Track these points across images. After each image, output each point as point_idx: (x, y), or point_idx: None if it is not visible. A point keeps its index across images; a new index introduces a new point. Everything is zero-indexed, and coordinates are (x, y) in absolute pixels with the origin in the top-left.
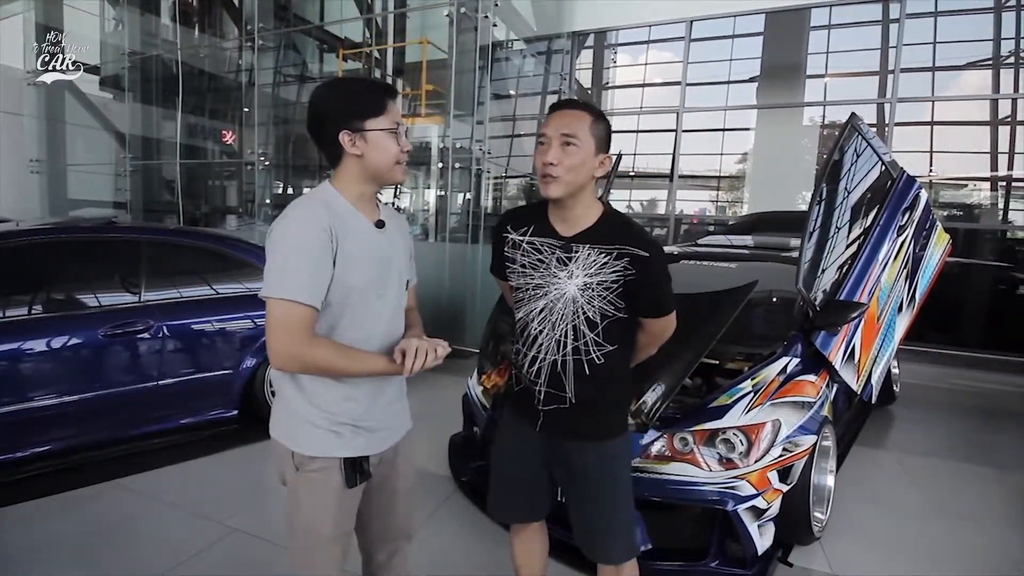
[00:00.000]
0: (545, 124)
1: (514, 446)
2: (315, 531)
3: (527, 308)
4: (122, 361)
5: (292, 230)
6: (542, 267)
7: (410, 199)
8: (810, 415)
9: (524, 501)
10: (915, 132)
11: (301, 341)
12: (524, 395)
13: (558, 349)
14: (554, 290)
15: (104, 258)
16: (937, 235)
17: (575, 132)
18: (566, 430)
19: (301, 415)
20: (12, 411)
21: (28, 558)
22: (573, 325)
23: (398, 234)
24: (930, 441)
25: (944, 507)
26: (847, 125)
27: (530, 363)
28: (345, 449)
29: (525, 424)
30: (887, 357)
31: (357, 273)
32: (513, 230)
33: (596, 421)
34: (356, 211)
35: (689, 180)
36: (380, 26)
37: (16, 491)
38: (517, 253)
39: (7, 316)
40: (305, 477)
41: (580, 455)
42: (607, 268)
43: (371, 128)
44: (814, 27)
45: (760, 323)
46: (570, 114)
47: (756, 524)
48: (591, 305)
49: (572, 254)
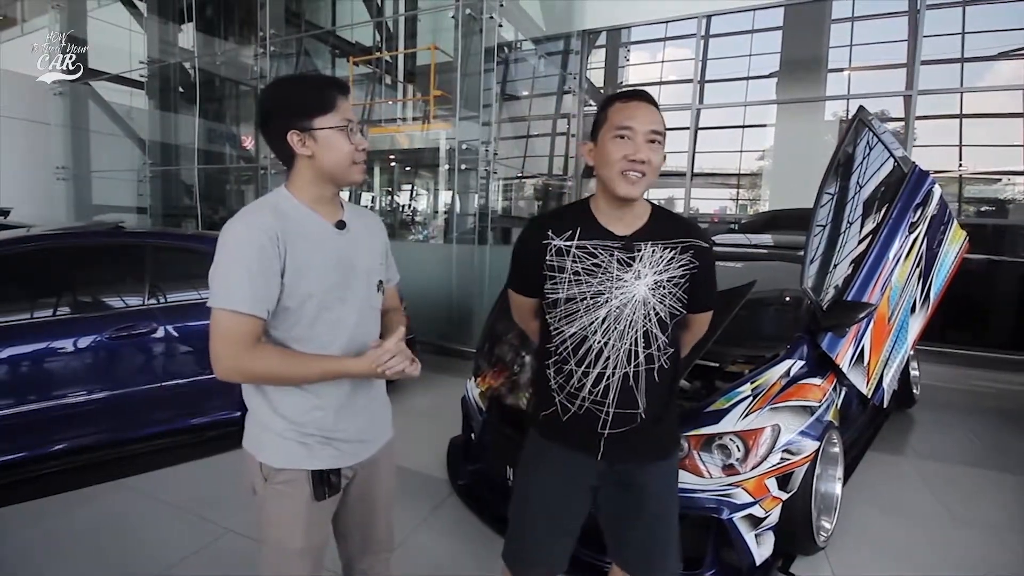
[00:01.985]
0: (625, 116)
1: (562, 484)
2: (284, 544)
3: (584, 320)
4: (127, 363)
5: (234, 238)
6: (599, 272)
7: (423, 201)
8: (813, 420)
9: (555, 551)
10: (943, 125)
11: (241, 352)
12: (582, 422)
13: (629, 360)
14: (619, 295)
15: (112, 262)
16: (953, 231)
17: (661, 130)
18: (632, 452)
19: (267, 425)
20: (20, 412)
21: (25, 556)
22: (644, 330)
23: (365, 234)
24: (949, 446)
25: (960, 515)
26: (854, 119)
27: (594, 382)
28: (313, 461)
29: (580, 456)
30: (900, 359)
31: (312, 279)
32: (556, 235)
33: (663, 437)
34: (312, 213)
35: (708, 178)
36: (391, 31)
37: (22, 490)
38: (567, 260)
39: (17, 319)
40: (273, 489)
41: (641, 476)
42: (675, 263)
43: (320, 127)
44: (835, 20)
45: (764, 324)
46: (651, 109)
47: (753, 533)
48: (663, 304)
49: (635, 253)
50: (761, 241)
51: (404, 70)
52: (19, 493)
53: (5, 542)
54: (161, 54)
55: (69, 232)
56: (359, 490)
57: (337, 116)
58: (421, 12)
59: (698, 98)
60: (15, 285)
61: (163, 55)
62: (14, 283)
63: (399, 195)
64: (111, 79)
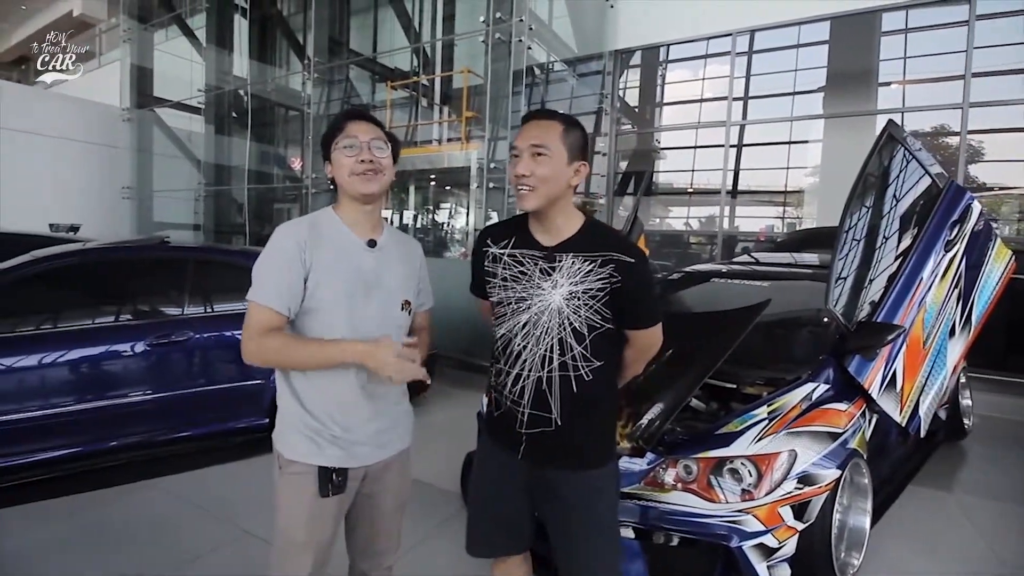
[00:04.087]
0: (516, 136)
1: (493, 476)
2: (289, 534)
3: (509, 323)
4: (165, 369)
5: (272, 242)
6: (524, 279)
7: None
8: (835, 446)
9: (505, 535)
10: (1010, 140)
11: (256, 336)
12: (504, 419)
13: (543, 365)
14: (538, 302)
15: (155, 274)
16: (997, 250)
17: (544, 142)
18: (549, 456)
19: (288, 418)
20: (51, 414)
21: (60, 547)
22: (559, 338)
23: (397, 256)
24: (1001, 482)
25: (1004, 559)
26: (884, 134)
27: (513, 382)
28: (320, 457)
29: (505, 451)
30: (937, 386)
31: (332, 286)
32: (493, 243)
33: (581, 447)
34: (347, 229)
35: (753, 196)
36: (428, 56)
37: (61, 486)
38: (498, 267)
39: (66, 325)
40: (285, 479)
41: (562, 486)
42: (592, 276)
43: (333, 150)
44: (885, 32)
45: (788, 345)
46: (539, 124)
47: (765, 564)
48: (577, 315)
49: (556, 263)
50: (799, 259)
51: (440, 93)
52: (58, 488)
53: (34, 536)
54: (218, 81)
55: (118, 246)
56: (367, 492)
57: (345, 137)
58: (456, 37)
59: (736, 115)
60: (66, 294)
61: (219, 82)
62: (65, 292)
63: (436, 213)
64: (173, 106)
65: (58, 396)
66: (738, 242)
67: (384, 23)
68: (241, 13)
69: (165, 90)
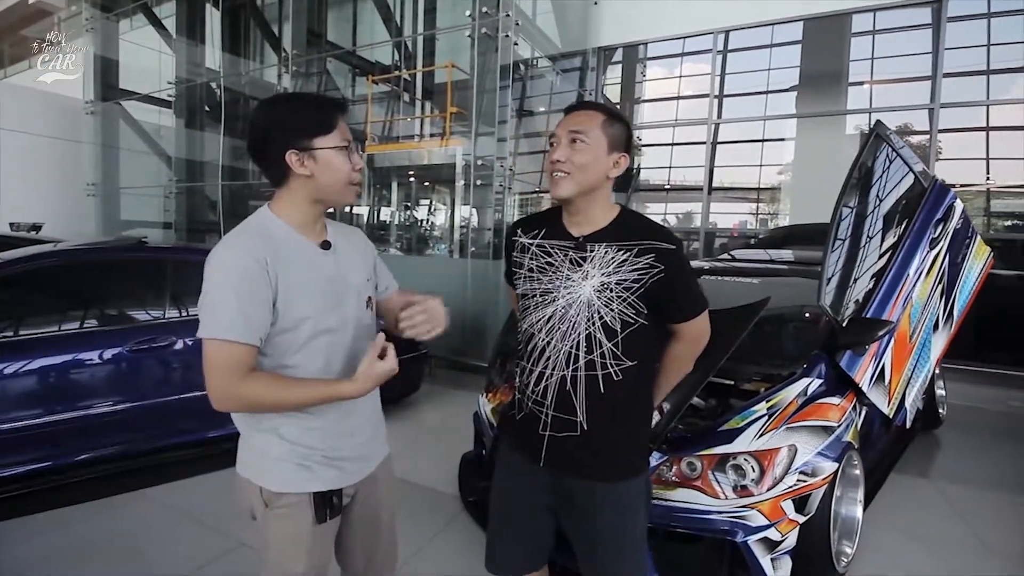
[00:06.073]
0: (557, 125)
1: (514, 488)
2: (284, 568)
3: (533, 317)
4: (147, 375)
5: (222, 265)
6: (551, 270)
7: (441, 216)
8: (831, 440)
9: (527, 553)
10: (969, 138)
11: (235, 381)
12: (527, 423)
13: (568, 363)
14: (566, 294)
15: (133, 276)
16: (977, 247)
17: (584, 129)
18: (574, 465)
19: (264, 450)
20: (36, 424)
21: (47, 562)
22: (587, 334)
23: (351, 251)
24: (977, 469)
25: (987, 542)
26: (871, 134)
27: (536, 381)
28: (315, 483)
29: (526, 458)
30: (922, 379)
31: (304, 301)
32: (523, 234)
33: (609, 456)
34: (298, 235)
35: (727, 192)
36: (410, 50)
37: (46, 498)
38: (525, 257)
39: (42, 331)
40: (274, 514)
41: (588, 498)
42: (627, 266)
43: (320, 147)
44: (855, 33)
45: (781, 341)
46: (582, 113)
47: (769, 557)
48: (609, 308)
49: (587, 253)
50: (778, 256)
51: (422, 88)
52: (44, 501)
53: (30, 547)
54: (188, 74)
55: (93, 247)
56: (361, 509)
57: (338, 136)
58: (443, 32)
59: (716, 113)
60: (40, 298)
61: (190, 75)
62: (39, 296)
63: (417, 210)
64: (141, 99)
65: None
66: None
67: (364, 15)
68: (213, 3)
69: (132, 82)
